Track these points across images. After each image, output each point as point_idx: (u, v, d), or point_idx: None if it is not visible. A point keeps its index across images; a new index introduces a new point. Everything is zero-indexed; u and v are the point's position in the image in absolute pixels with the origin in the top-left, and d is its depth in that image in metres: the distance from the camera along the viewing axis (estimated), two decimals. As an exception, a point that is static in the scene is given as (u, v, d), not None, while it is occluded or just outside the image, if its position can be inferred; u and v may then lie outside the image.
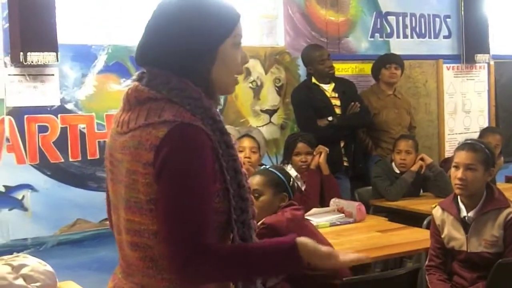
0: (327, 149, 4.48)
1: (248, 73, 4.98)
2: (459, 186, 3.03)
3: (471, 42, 6.15)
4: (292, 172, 4.36)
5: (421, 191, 4.83)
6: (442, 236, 3.12)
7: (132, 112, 1.54)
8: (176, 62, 1.53)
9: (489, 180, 3.11)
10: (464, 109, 6.29)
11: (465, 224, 3.06)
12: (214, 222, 1.50)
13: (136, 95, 1.54)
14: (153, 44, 1.55)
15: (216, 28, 1.56)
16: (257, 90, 5.04)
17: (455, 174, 3.04)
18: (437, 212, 3.19)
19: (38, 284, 2.13)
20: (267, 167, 3.53)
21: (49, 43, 3.93)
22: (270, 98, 5.11)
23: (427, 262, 3.20)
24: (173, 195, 1.44)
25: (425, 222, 3.99)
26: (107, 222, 1.70)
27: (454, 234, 3.08)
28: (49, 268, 2.26)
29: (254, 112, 5.03)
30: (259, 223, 2.50)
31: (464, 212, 3.07)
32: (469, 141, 3.16)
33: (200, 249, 1.43)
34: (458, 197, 3.11)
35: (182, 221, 1.43)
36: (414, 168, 4.67)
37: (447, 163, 5.21)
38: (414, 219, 4.05)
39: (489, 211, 3.03)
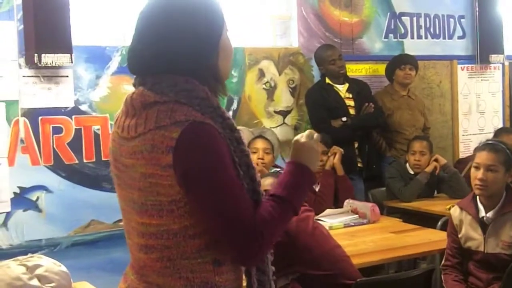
0: (342, 150, 4.47)
1: (262, 74, 4.98)
2: (479, 186, 3.01)
3: (486, 43, 6.12)
4: (306, 173, 4.35)
5: (435, 192, 4.81)
6: (460, 235, 3.10)
7: (139, 117, 1.52)
8: (184, 64, 1.52)
9: (509, 181, 3.08)
10: (478, 109, 6.25)
11: (483, 225, 3.04)
12: None
13: (142, 99, 1.53)
14: (154, 50, 1.53)
15: (214, 20, 1.56)
16: (270, 91, 5.04)
17: (476, 175, 3.02)
18: (455, 211, 3.17)
19: (52, 284, 2.14)
20: (278, 170, 3.54)
21: (63, 45, 3.94)
22: (283, 99, 5.10)
23: (443, 262, 3.18)
24: (209, 193, 1.46)
25: (439, 223, 3.98)
26: (121, 223, 1.70)
27: (471, 234, 3.06)
28: (63, 268, 2.27)
29: (267, 113, 5.03)
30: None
31: (482, 213, 3.05)
32: (490, 142, 3.15)
33: (256, 228, 1.47)
34: (477, 197, 3.08)
35: (230, 212, 1.47)
36: (428, 169, 4.65)
37: (461, 164, 5.20)
38: (428, 220, 4.03)
39: (508, 212, 3.00)
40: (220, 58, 1.57)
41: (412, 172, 4.70)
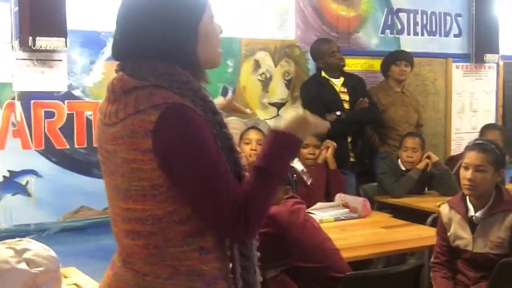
0: (335, 144, 4.47)
1: (258, 65, 4.97)
2: (468, 186, 3.01)
3: (481, 42, 6.12)
4: (299, 166, 4.35)
5: (426, 189, 4.82)
6: (449, 234, 3.11)
7: (119, 102, 1.52)
8: (162, 49, 1.52)
9: (498, 181, 3.09)
10: (471, 108, 6.26)
11: (472, 224, 3.04)
12: None
13: (121, 85, 1.53)
14: (133, 36, 1.53)
15: (192, 6, 1.55)
16: (266, 82, 5.02)
17: (464, 175, 3.02)
18: (444, 209, 3.17)
19: (41, 269, 2.11)
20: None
21: (58, 29, 3.91)
22: (278, 91, 5.09)
23: (432, 259, 3.19)
24: (191, 173, 1.45)
25: (429, 220, 4.00)
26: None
27: (460, 233, 3.07)
28: (52, 253, 2.24)
29: (262, 104, 5.02)
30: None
31: (472, 212, 3.05)
32: (479, 141, 3.14)
33: (243, 198, 1.46)
34: (467, 196, 3.08)
35: (216, 190, 1.45)
36: (420, 166, 4.66)
37: (452, 161, 5.21)
38: (418, 217, 4.04)
39: (497, 212, 3.01)
40: (200, 44, 1.56)
41: (403, 168, 4.71)
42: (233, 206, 1.45)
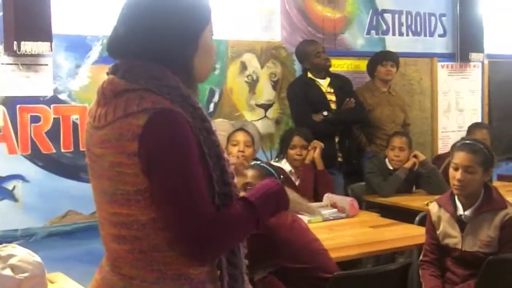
0: (322, 144, 4.48)
1: (244, 67, 4.97)
2: (457, 187, 3.02)
3: (466, 41, 6.15)
4: (286, 167, 4.36)
5: (414, 188, 4.84)
6: (438, 232, 3.12)
7: (109, 105, 1.51)
8: (160, 52, 1.52)
9: (487, 180, 3.10)
10: (457, 107, 6.30)
11: (461, 222, 3.05)
12: None
13: (112, 88, 1.52)
14: (137, 35, 1.52)
15: (198, 16, 1.56)
16: (252, 84, 5.03)
17: (454, 175, 3.02)
18: (433, 208, 3.18)
19: (26, 274, 2.10)
20: (259, 162, 3.53)
21: (43, 33, 3.89)
22: (265, 92, 5.09)
23: (421, 257, 3.19)
24: (169, 181, 1.44)
25: (417, 219, 4.01)
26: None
27: (449, 232, 3.08)
28: (37, 259, 2.23)
29: (249, 106, 5.02)
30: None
31: (460, 211, 3.06)
32: (469, 141, 3.13)
33: (210, 219, 1.45)
34: (455, 195, 3.10)
35: (185, 205, 1.44)
36: (408, 165, 4.67)
37: (439, 160, 5.24)
38: (406, 216, 4.05)
39: (486, 211, 3.01)
40: (198, 55, 1.56)
41: (391, 168, 4.73)
42: (200, 224, 1.44)
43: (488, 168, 3.03)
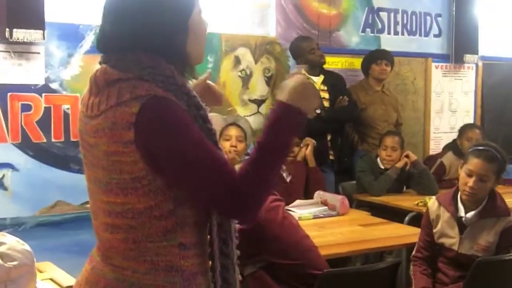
0: (314, 142, 4.48)
1: (238, 61, 4.95)
2: (467, 193, 2.96)
3: (461, 42, 6.17)
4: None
5: (404, 187, 4.84)
6: (434, 230, 3.10)
7: (102, 94, 1.50)
8: (150, 42, 1.50)
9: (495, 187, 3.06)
10: (450, 108, 6.31)
11: (460, 224, 3.02)
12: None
13: (105, 77, 1.51)
14: (123, 28, 1.51)
15: (183, 2, 1.54)
16: (246, 79, 5.01)
17: (466, 181, 2.95)
18: (433, 205, 3.15)
19: (15, 263, 2.09)
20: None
21: (36, 21, 3.86)
22: (259, 88, 5.08)
23: (414, 253, 3.18)
24: (183, 160, 1.44)
25: (406, 218, 4.02)
26: (88, 205, 1.67)
27: (447, 232, 3.06)
28: (27, 247, 2.22)
29: (242, 101, 5.00)
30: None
31: (462, 212, 3.02)
32: (486, 149, 3.00)
33: (239, 178, 1.45)
34: (459, 195, 3.05)
35: (207, 172, 1.44)
36: (399, 164, 4.67)
37: (430, 160, 5.25)
38: (396, 215, 4.06)
39: (488, 217, 2.99)
40: (189, 40, 1.55)
41: (382, 167, 4.72)
42: (230, 184, 1.44)
43: (500, 176, 2.99)
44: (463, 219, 3.02)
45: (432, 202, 3.20)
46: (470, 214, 3.00)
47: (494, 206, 3.01)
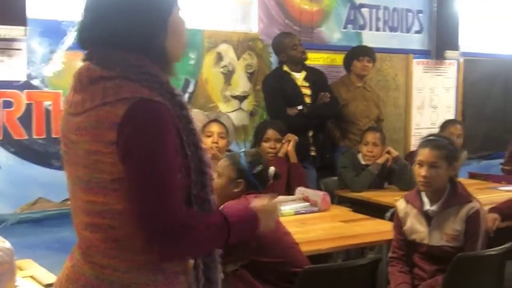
0: (296, 138, 4.49)
1: (220, 58, 4.95)
2: (423, 183, 3.07)
3: (442, 39, 6.22)
4: (259, 160, 4.35)
5: (386, 183, 4.87)
6: (404, 228, 3.16)
7: (85, 92, 1.50)
8: (131, 41, 1.51)
9: (453, 175, 3.15)
10: (431, 104, 6.36)
11: (427, 217, 3.10)
12: None
13: (88, 74, 1.52)
14: (102, 23, 1.52)
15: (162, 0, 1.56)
16: (228, 75, 5.01)
17: (419, 171, 3.07)
18: (401, 204, 3.22)
19: (-5, 261, 2.08)
20: (232, 152, 3.50)
21: (17, 17, 3.85)
22: (241, 84, 5.09)
23: (390, 254, 3.23)
24: (142, 173, 1.43)
25: (387, 214, 4.03)
26: (69, 203, 1.67)
27: (416, 227, 3.12)
28: (7, 245, 2.21)
29: (224, 97, 5.01)
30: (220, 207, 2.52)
31: (427, 206, 3.10)
32: (431, 138, 3.17)
33: (177, 222, 1.44)
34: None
35: (154, 198, 1.43)
36: (380, 160, 4.70)
37: (412, 156, 5.25)
38: (377, 211, 4.08)
39: (452, 205, 3.07)
40: (168, 38, 1.56)
41: (364, 163, 4.74)
42: (170, 219, 1.44)
43: (452, 162, 3.08)
44: (429, 211, 3.09)
45: (400, 201, 3.26)
46: (435, 205, 3.08)
47: (456, 194, 3.09)
